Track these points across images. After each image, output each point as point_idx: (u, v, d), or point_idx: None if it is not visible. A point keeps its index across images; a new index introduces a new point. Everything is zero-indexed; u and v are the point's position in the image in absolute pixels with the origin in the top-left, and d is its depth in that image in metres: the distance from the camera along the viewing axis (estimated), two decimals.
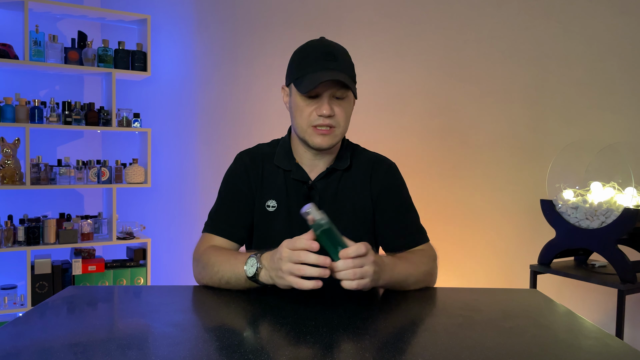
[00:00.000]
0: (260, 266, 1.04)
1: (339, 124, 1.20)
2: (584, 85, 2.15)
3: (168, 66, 3.29)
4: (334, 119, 1.19)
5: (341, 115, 1.20)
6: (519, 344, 0.85)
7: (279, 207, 1.26)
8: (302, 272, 0.95)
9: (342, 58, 1.19)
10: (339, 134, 1.21)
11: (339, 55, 1.19)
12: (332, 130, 1.20)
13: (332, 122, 1.19)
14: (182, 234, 3.24)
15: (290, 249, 0.97)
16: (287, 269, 0.97)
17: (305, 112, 1.19)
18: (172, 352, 0.78)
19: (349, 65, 1.20)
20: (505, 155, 2.39)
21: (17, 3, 2.76)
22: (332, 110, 1.17)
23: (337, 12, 2.88)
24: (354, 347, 0.81)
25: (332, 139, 1.20)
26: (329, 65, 1.16)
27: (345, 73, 1.17)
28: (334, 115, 1.18)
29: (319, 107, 1.17)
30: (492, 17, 2.42)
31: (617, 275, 1.76)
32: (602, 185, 1.91)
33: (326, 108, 1.16)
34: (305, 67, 1.18)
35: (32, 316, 0.95)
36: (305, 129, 1.20)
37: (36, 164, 2.74)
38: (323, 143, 1.20)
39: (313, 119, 1.19)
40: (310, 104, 1.19)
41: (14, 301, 2.78)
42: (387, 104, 2.76)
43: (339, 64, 1.17)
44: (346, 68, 1.19)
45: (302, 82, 1.17)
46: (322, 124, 1.18)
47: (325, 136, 1.20)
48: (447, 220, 2.57)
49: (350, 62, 1.22)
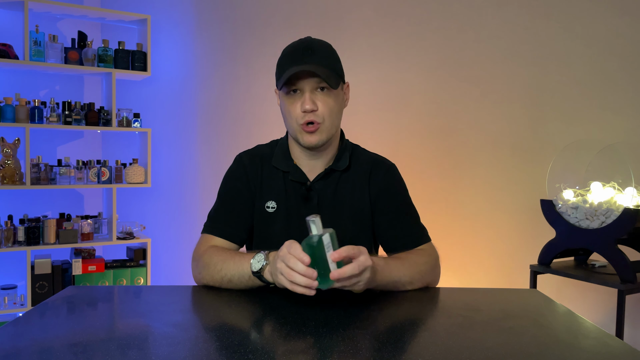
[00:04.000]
0: (266, 263, 1.06)
1: (324, 119, 1.19)
2: (584, 85, 2.15)
3: (168, 66, 3.29)
4: (317, 114, 1.18)
5: (324, 109, 1.18)
6: (519, 344, 0.85)
7: (278, 208, 1.26)
8: (291, 278, 0.95)
9: (320, 52, 1.18)
10: (325, 130, 1.20)
11: (317, 49, 1.18)
12: (317, 127, 1.18)
13: (317, 118, 1.18)
14: (182, 234, 3.24)
15: (287, 251, 0.98)
16: (280, 268, 0.98)
17: (292, 112, 1.19)
18: (172, 352, 0.78)
19: (328, 57, 1.19)
20: (505, 155, 2.39)
21: (17, 3, 2.75)
22: (314, 104, 1.17)
23: (337, 12, 2.88)
24: (354, 347, 0.81)
25: (319, 135, 1.19)
26: (305, 60, 1.16)
27: (322, 65, 1.16)
28: (317, 110, 1.17)
29: (302, 103, 1.17)
30: (492, 17, 2.42)
31: (617, 275, 1.76)
32: (602, 185, 1.91)
33: (307, 102, 1.16)
34: (283, 65, 1.19)
35: (32, 316, 0.95)
36: (295, 129, 1.21)
37: (36, 164, 2.74)
38: (312, 141, 1.19)
39: (299, 117, 1.18)
40: (294, 102, 1.19)
41: (14, 301, 2.78)
42: (387, 104, 2.76)
43: (315, 57, 1.17)
44: (324, 60, 1.18)
45: (280, 80, 1.18)
46: (307, 120, 1.18)
47: (312, 134, 1.19)
48: (447, 220, 2.57)
49: (332, 55, 1.21)
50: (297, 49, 1.18)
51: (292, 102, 1.19)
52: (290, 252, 0.97)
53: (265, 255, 1.07)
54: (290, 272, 0.95)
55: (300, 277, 0.94)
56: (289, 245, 0.98)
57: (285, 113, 1.22)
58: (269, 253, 1.08)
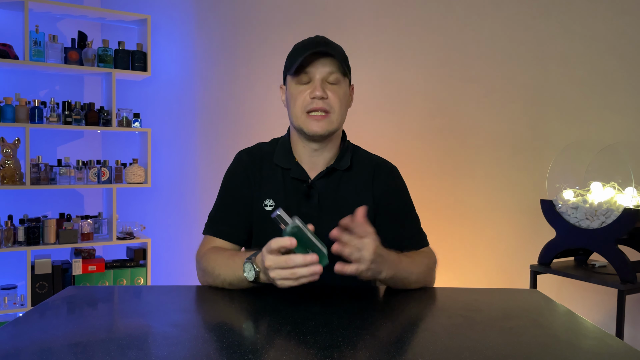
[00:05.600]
0: (257, 269, 1.04)
1: (333, 109, 1.19)
2: (584, 85, 2.15)
3: (168, 66, 3.29)
4: (328, 103, 1.18)
5: (335, 99, 1.19)
6: (519, 344, 0.85)
7: (276, 206, 1.25)
8: (296, 275, 0.95)
9: (334, 45, 1.23)
10: (334, 120, 1.21)
11: (330, 43, 1.23)
12: (327, 116, 1.19)
13: (326, 106, 1.18)
14: (182, 234, 3.24)
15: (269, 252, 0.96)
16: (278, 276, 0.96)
17: (299, 99, 1.20)
18: (172, 352, 0.78)
19: (341, 52, 1.23)
20: (505, 155, 2.39)
21: (17, 3, 2.75)
22: (324, 92, 1.18)
23: (337, 12, 2.88)
24: (354, 347, 0.81)
25: (327, 124, 1.20)
26: (319, 48, 1.18)
27: (336, 58, 1.19)
28: (327, 98, 1.18)
29: (312, 90, 1.18)
30: (492, 17, 2.42)
31: (617, 275, 1.76)
32: (602, 185, 1.91)
33: (318, 89, 1.17)
34: (296, 53, 1.21)
35: (32, 316, 0.95)
36: (300, 116, 1.20)
37: (36, 164, 2.74)
38: (318, 129, 1.19)
39: (307, 103, 1.19)
40: (303, 90, 1.20)
41: (14, 301, 2.78)
42: (387, 104, 2.76)
43: (329, 48, 1.19)
44: (338, 53, 1.21)
45: (292, 65, 1.19)
46: (315, 107, 1.18)
47: (320, 121, 1.19)
48: (447, 220, 2.57)
49: (343, 54, 1.24)
50: (311, 41, 1.22)
51: (301, 90, 1.20)
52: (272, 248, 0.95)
53: (252, 262, 1.04)
54: (294, 272, 0.94)
55: (304, 269, 0.94)
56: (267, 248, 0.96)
57: (291, 101, 1.22)
58: (255, 259, 1.05)
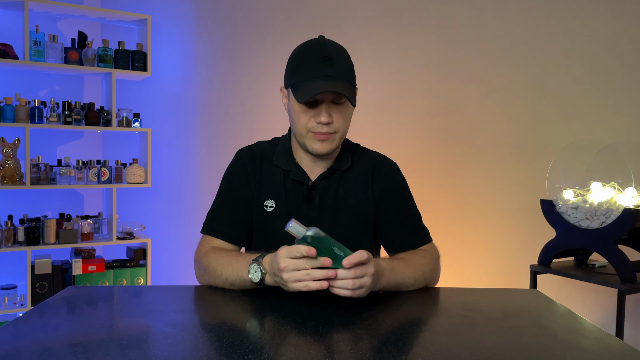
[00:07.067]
0: (264, 271, 1.04)
1: (337, 130, 1.18)
2: (584, 85, 2.15)
3: (168, 66, 3.29)
4: (333, 126, 1.16)
5: (340, 121, 1.17)
6: (519, 344, 0.85)
7: (277, 207, 1.24)
8: (312, 278, 0.96)
9: (340, 62, 1.15)
10: (337, 139, 1.19)
11: (337, 58, 1.15)
12: (331, 136, 1.18)
13: (331, 129, 1.16)
14: (182, 234, 3.24)
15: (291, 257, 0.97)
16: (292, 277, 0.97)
17: (303, 119, 1.17)
18: (172, 352, 0.78)
19: (347, 68, 1.17)
20: (505, 155, 2.39)
21: (17, 3, 2.75)
22: (330, 117, 1.15)
23: (337, 12, 2.88)
24: (354, 347, 0.81)
25: (331, 144, 1.18)
26: (326, 72, 1.12)
27: (343, 79, 1.14)
28: (332, 122, 1.16)
29: (317, 115, 1.15)
30: (492, 17, 2.41)
31: (617, 275, 1.76)
32: (602, 185, 1.91)
33: (324, 116, 1.14)
34: (302, 73, 1.14)
35: (32, 316, 0.95)
36: (303, 134, 1.19)
37: (36, 164, 2.74)
38: (322, 149, 1.18)
39: (311, 125, 1.17)
40: (308, 112, 1.16)
41: (14, 301, 2.78)
42: (387, 104, 2.76)
43: (336, 69, 1.13)
44: (345, 73, 1.15)
45: (299, 90, 1.13)
46: (320, 131, 1.16)
47: (324, 142, 1.18)
48: (447, 220, 2.57)
49: (349, 64, 1.18)
50: (315, 57, 1.14)
51: (306, 110, 1.16)
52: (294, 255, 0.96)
53: (259, 264, 1.05)
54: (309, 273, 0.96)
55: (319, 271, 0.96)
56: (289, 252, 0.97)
57: (294, 117, 1.19)
58: (262, 260, 1.06)
